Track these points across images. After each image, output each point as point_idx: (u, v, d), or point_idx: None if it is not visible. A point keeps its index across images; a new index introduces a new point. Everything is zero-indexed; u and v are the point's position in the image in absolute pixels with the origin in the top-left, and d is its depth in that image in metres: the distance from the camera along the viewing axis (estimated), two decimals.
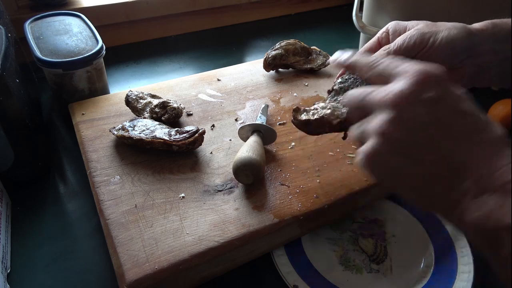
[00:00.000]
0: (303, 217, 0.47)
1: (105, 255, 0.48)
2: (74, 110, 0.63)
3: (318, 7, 1.21)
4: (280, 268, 0.46)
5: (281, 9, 1.14)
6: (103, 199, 0.47)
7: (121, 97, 0.65)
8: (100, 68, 0.67)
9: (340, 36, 1.07)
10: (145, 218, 0.45)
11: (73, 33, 0.68)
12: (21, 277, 0.46)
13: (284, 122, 0.62)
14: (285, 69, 0.76)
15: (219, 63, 0.89)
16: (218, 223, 0.45)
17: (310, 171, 0.53)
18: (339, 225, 0.53)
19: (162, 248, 0.42)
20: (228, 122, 0.62)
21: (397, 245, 0.50)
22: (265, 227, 0.45)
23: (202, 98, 0.67)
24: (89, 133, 0.58)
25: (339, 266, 0.48)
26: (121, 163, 0.53)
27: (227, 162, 0.54)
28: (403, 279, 0.47)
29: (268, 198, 0.49)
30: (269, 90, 0.71)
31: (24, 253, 0.49)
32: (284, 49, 0.74)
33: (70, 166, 0.62)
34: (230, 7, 1.05)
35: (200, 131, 0.54)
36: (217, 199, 0.48)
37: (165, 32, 1.01)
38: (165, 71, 0.89)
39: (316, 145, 0.58)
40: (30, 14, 0.78)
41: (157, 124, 0.56)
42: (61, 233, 0.52)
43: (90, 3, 0.88)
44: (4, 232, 0.49)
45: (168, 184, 0.50)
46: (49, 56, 0.63)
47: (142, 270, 0.40)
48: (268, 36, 1.05)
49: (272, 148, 0.57)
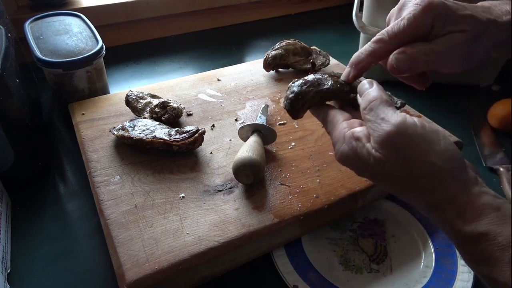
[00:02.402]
0: (303, 217, 0.47)
1: (105, 255, 0.48)
2: (74, 110, 0.63)
3: (318, 7, 1.21)
4: (280, 268, 0.46)
5: (281, 9, 1.14)
6: (103, 199, 0.47)
7: (121, 97, 0.65)
8: (100, 68, 0.67)
9: (340, 36, 1.07)
10: (145, 218, 0.45)
11: (73, 33, 0.68)
12: (21, 277, 0.46)
13: (284, 122, 0.62)
14: (285, 69, 0.76)
15: (219, 63, 0.89)
16: (218, 223, 0.45)
17: (310, 171, 0.53)
18: (339, 225, 0.53)
19: (162, 248, 0.42)
20: (228, 122, 0.62)
21: (397, 245, 0.50)
22: (265, 227, 0.45)
23: (202, 98, 0.67)
24: (89, 133, 0.58)
25: (339, 266, 0.48)
26: (121, 163, 0.53)
27: (227, 162, 0.54)
28: (403, 279, 0.47)
29: (268, 198, 0.49)
30: (269, 90, 0.71)
31: (24, 253, 0.49)
32: (284, 49, 0.74)
33: (70, 166, 0.62)
34: (230, 7, 1.05)
35: (200, 131, 0.54)
36: (217, 199, 0.48)
37: (165, 32, 1.01)
38: (165, 71, 0.89)
39: (316, 145, 0.58)
40: (30, 14, 0.78)
41: (157, 124, 0.56)
42: (61, 233, 0.52)
43: (90, 3, 0.88)
44: (4, 232, 0.49)
45: (168, 184, 0.50)
46: (49, 56, 0.63)
47: (142, 270, 0.40)
48: (268, 36, 1.05)
49: (272, 148, 0.57)
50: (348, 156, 0.35)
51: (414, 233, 0.52)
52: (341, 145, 0.36)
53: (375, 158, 0.33)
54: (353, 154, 0.34)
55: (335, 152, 0.37)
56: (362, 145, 0.34)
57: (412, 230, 0.52)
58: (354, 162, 0.35)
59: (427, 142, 0.31)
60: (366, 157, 0.33)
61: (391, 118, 0.32)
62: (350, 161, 0.35)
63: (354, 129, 0.35)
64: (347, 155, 0.35)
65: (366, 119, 0.34)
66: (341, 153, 0.36)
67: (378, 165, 0.33)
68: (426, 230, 0.51)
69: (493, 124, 0.71)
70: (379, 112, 0.33)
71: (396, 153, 0.32)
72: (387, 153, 0.32)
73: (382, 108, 0.33)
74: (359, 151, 0.34)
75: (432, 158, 0.31)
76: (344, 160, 0.36)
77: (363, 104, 0.35)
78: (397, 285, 0.46)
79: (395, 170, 0.32)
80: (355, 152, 0.34)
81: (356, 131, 0.35)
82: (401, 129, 0.31)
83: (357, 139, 0.34)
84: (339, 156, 0.36)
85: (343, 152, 0.35)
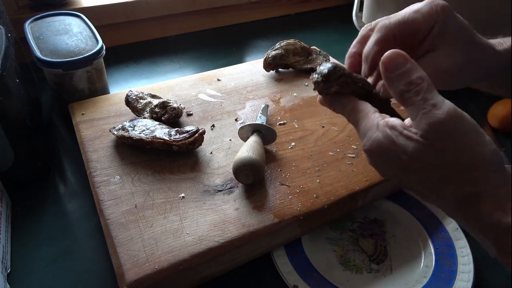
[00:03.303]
0: (303, 217, 0.47)
1: (105, 255, 0.48)
2: (74, 110, 0.63)
3: (318, 7, 1.21)
4: (280, 268, 0.46)
5: (281, 9, 1.14)
6: (103, 199, 0.47)
7: (121, 97, 0.65)
8: (100, 68, 0.67)
9: (340, 36, 1.07)
10: (145, 218, 0.45)
11: (73, 33, 0.68)
12: (21, 277, 0.46)
13: (284, 122, 0.62)
14: (285, 69, 0.76)
15: (219, 63, 0.89)
16: (218, 223, 0.45)
17: (310, 171, 0.53)
18: (339, 225, 0.53)
19: (162, 248, 0.42)
20: (228, 122, 0.62)
21: (397, 245, 0.50)
22: (265, 227, 0.45)
23: (202, 98, 0.67)
24: (89, 133, 0.58)
25: (339, 266, 0.48)
26: (121, 163, 0.53)
27: (227, 162, 0.54)
28: (403, 279, 0.47)
29: (268, 198, 0.49)
30: (269, 90, 0.71)
31: (24, 253, 0.49)
32: (284, 49, 0.74)
33: (70, 166, 0.62)
34: (230, 7, 1.05)
35: (200, 131, 0.54)
36: (217, 199, 0.48)
37: (165, 32, 1.01)
38: (165, 71, 0.89)
39: (316, 145, 0.58)
40: (30, 14, 0.78)
41: (157, 124, 0.56)
42: (61, 233, 0.52)
43: (90, 3, 0.88)
44: (4, 232, 0.49)
45: (168, 184, 0.50)
46: (49, 56, 0.63)
47: (142, 270, 0.40)
48: (268, 36, 1.05)
49: (272, 148, 0.57)
50: (381, 144, 0.33)
51: (414, 233, 0.52)
52: (374, 132, 0.34)
53: (417, 145, 0.31)
54: (387, 142, 0.33)
55: (366, 140, 0.34)
56: (398, 134, 0.32)
57: (412, 230, 0.52)
58: (386, 152, 0.33)
59: (477, 133, 0.31)
60: (403, 145, 0.32)
61: (443, 105, 0.31)
62: (382, 150, 0.34)
63: (388, 118, 0.34)
64: (380, 143, 0.33)
65: (409, 103, 0.32)
66: (374, 140, 0.34)
67: (418, 152, 0.31)
68: (426, 230, 0.51)
69: (493, 124, 0.71)
70: (428, 97, 0.31)
71: (446, 141, 0.31)
72: (435, 140, 0.31)
73: (431, 93, 0.32)
74: (394, 138, 0.32)
75: (481, 149, 0.31)
76: (376, 147, 0.34)
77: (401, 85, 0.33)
78: (397, 285, 0.46)
79: (439, 158, 0.31)
80: (390, 140, 0.33)
81: (391, 119, 0.34)
82: (455, 117, 0.31)
83: (392, 128, 0.33)
84: (371, 143, 0.34)
85: (376, 139, 0.34)
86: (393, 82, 0.33)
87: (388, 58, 0.33)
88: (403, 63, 0.33)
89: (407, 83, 0.32)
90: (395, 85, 0.33)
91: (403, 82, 0.32)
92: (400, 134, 0.32)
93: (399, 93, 0.33)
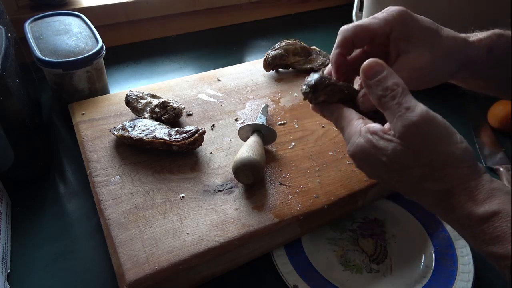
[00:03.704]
0: (303, 217, 0.47)
1: (105, 255, 0.48)
2: (74, 110, 0.63)
3: (318, 7, 1.21)
4: (280, 268, 0.46)
5: (281, 9, 1.14)
6: (103, 199, 0.47)
7: (121, 97, 0.65)
8: (100, 68, 0.67)
9: None
10: (145, 218, 0.45)
11: (73, 33, 0.68)
12: (21, 277, 0.46)
13: (284, 122, 0.62)
14: (285, 69, 0.76)
15: (219, 63, 0.89)
16: (218, 223, 0.45)
17: (310, 171, 0.53)
18: (339, 225, 0.53)
19: (162, 248, 0.42)
20: (228, 122, 0.62)
21: (397, 245, 0.50)
22: (265, 227, 0.45)
23: (202, 98, 0.67)
24: (89, 133, 0.58)
25: (339, 266, 0.48)
26: (121, 163, 0.53)
27: (227, 162, 0.54)
28: (403, 279, 0.47)
29: (268, 198, 0.49)
30: (269, 90, 0.71)
31: (24, 253, 0.49)
32: (284, 49, 0.74)
33: (70, 166, 0.62)
34: (230, 7, 1.05)
35: (200, 131, 0.54)
36: (217, 199, 0.48)
37: (165, 32, 1.01)
38: (165, 71, 0.89)
39: (316, 145, 0.58)
40: (30, 14, 0.78)
41: (157, 124, 0.56)
42: (61, 233, 0.52)
43: (90, 3, 0.88)
44: (4, 232, 0.49)
45: (168, 184, 0.50)
46: (49, 56, 0.63)
47: (142, 270, 0.40)
48: (268, 36, 1.05)
49: (272, 148, 0.57)
50: (364, 148, 0.36)
51: (414, 233, 0.52)
52: (357, 138, 0.36)
53: (395, 147, 0.34)
54: (369, 146, 0.35)
55: (350, 145, 0.37)
56: (379, 138, 0.35)
57: (412, 230, 0.52)
58: (369, 155, 0.36)
59: (448, 133, 0.34)
60: (383, 148, 0.34)
61: (416, 108, 0.33)
62: (364, 154, 0.36)
63: (369, 124, 0.36)
64: (362, 147, 0.36)
65: (386, 107, 0.35)
66: (357, 145, 0.36)
67: (396, 154, 0.34)
68: (426, 230, 0.51)
69: (493, 124, 0.71)
70: (403, 101, 0.34)
71: (420, 142, 0.33)
72: (410, 142, 0.33)
73: (405, 97, 0.34)
74: (375, 142, 0.35)
75: (452, 148, 0.33)
76: (359, 152, 0.36)
77: (379, 90, 0.35)
78: (397, 285, 0.46)
79: (415, 159, 0.33)
80: (372, 144, 0.35)
81: (372, 125, 0.36)
82: (427, 119, 0.33)
83: (374, 133, 0.35)
84: (354, 148, 0.37)
85: (359, 144, 0.36)
86: (371, 88, 0.36)
87: (367, 66, 0.36)
88: (380, 70, 0.35)
89: (383, 88, 0.35)
90: (373, 91, 0.35)
91: (380, 88, 0.35)
92: (380, 138, 0.35)
93: (377, 98, 0.35)
